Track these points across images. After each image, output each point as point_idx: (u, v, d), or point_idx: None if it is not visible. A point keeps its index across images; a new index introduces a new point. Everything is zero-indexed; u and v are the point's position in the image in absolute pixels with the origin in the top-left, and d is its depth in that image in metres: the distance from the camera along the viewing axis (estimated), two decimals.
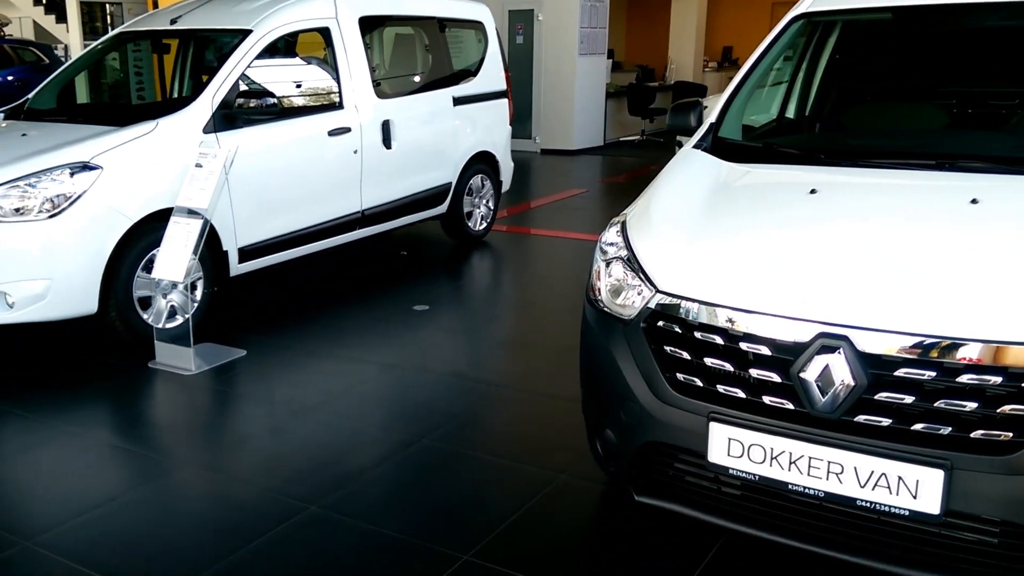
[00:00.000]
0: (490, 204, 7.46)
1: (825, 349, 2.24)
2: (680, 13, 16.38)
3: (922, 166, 2.92)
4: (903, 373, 2.19)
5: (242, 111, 5.09)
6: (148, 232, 4.61)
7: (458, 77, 7.08)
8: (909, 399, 2.20)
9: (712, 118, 3.41)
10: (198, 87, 5.48)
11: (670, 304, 2.53)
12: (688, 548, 2.84)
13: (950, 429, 2.17)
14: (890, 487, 2.21)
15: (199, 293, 4.81)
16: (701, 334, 2.46)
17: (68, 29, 19.76)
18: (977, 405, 2.15)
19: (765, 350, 2.34)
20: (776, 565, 2.75)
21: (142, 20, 6.18)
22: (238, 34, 5.34)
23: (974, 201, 2.59)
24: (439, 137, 6.71)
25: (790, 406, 2.32)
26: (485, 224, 7.43)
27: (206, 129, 4.91)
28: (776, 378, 2.33)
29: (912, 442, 2.19)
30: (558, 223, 8.25)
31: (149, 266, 4.60)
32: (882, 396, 2.22)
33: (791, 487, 2.34)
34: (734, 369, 2.41)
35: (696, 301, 2.48)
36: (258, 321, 5.28)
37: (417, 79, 7.01)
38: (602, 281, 2.78)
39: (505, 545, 2.90)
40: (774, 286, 2.42)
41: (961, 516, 2.20)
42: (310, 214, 5.59)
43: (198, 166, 4.57)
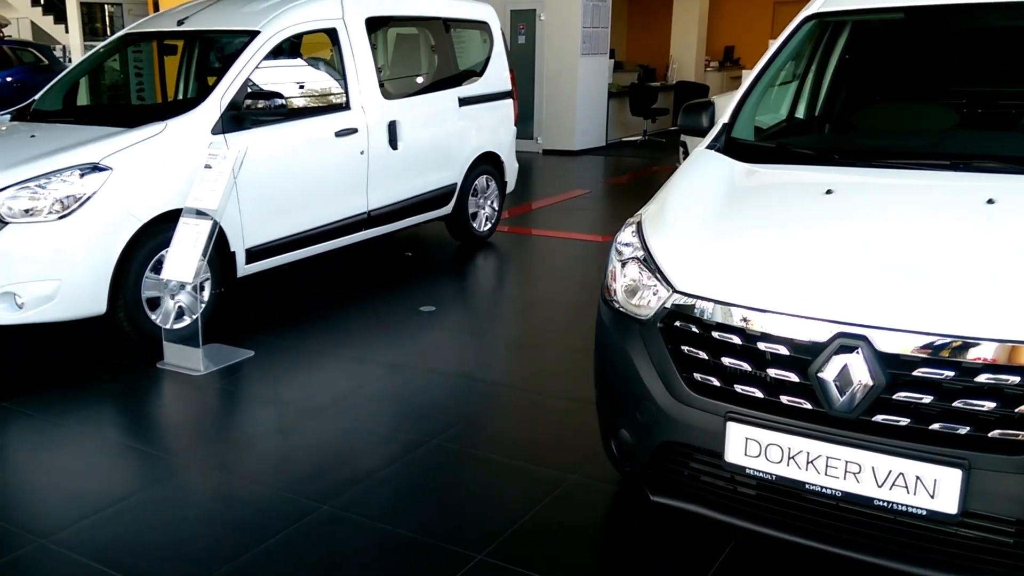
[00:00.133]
0: (495, 205, 7.46)
1: (843, 349, 2.25)
2: (682, 13, 16.37)
3: (937, 166, 2.93)
4: (921, 373, 2.20)
5: (250, 112, 5.09)
6: (157, 233, 4.61)
7: (463, 78, 7.08)
8: (927, 399, 2.20)
9: (725, 119, 3.42)
10: (205, 88, 5.48)
11: (687, 304, 2.53)
12: (703, 548, 2.85)
13: (968, 429, 2.18)
14: (908, 487, 2.22)
15: (206, 294, 4.82)
16: (718, 334, 2.46)
17: (67, 30, 19.74)
18: (995, 405, 2.15)
19: (783, 350, 2.35)
20: (791, 565, 2.76)
21: (148, 21, 6.18)
22: (246, 35, 5.34)
23: (990, 201, 2.59)
24: (445, 138, 6.71)
25: (808, 406, 2.33)
26: (489, 225, 7.43)
27: (214, 130, 4.92)
28: (794, 378, 2.34)
29: (930, 442, 2.20)
30: (561, 224, 8.25)
31: (157, 267, 4.60)
32: (900, 396, 2.22)
33: (808, 487, 2.35)
34: (752, 369, 2.41)
35: (713, 301, 2.48)
36: (264, 322, 5.28)
37: (423, 80, 7.02)
38: (618, 281, 2.78)
39: (519, 544, 2.90)
40: (792, 286, 2.43)
41: (978, 516, 2.21)
42: (317, 215, 5.60)
43: (207, 167, 4.58)
